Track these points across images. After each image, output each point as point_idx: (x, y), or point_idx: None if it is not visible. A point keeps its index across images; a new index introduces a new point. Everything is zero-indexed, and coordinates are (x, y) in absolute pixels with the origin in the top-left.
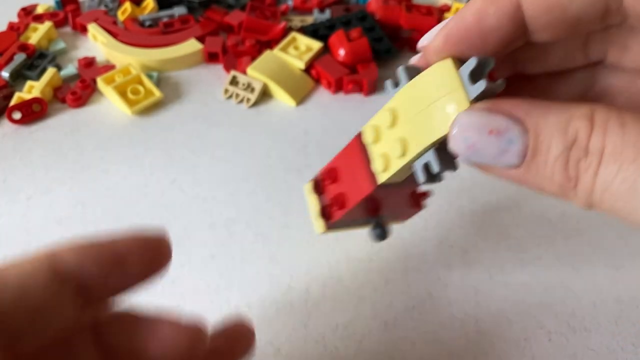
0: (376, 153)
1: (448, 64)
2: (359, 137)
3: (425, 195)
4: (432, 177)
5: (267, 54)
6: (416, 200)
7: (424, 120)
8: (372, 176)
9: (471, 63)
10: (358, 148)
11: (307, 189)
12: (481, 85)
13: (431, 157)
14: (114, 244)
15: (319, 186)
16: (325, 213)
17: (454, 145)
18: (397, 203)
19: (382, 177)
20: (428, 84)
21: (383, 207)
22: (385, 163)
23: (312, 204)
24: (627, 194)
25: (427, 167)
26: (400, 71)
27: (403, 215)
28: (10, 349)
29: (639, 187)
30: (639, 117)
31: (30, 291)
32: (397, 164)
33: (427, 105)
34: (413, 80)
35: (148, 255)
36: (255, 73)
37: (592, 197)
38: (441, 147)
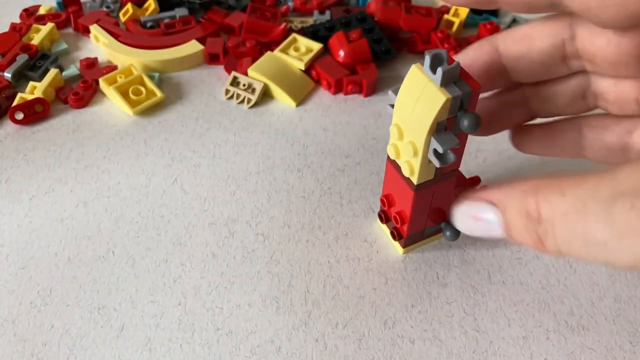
0: (401, 163)
1: (414, 69)
2: (388, 158)
3: (475, 180)
4: (442, 158)
5: (267, 55)
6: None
7: (415, 119)
8: (409, 184)
9: (427, 60)
10: (392, 168)
11: (378, 223)
12: (440, 71)
13: (434, 142)
14: None
15: (384, 215)
16: (396, 234)
17: (459, 228)
18: (452, 200)
19: (414, 179)
20: (407, 91)
21: (442, 210)
22: (410, 167)
23: (386, 231)
24: (589, 248)
25: (436, 152)
26: (390, 94)
27: None
28: None
29: (588, 238)
30: (575, 184)
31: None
32: (416, 163)
33: (413, 107)
34: (398, 94)
35: None
36: (256, 74)
37: (560, 251)
38: (438, 131)
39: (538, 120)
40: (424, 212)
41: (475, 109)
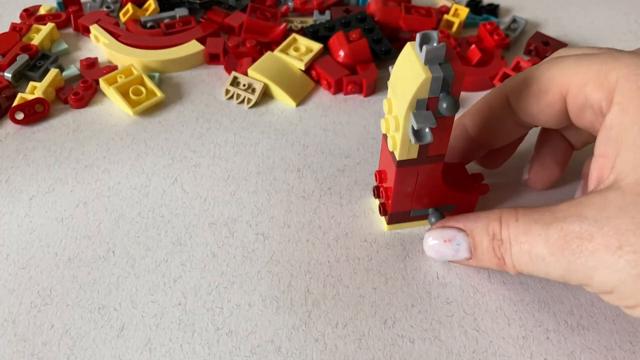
0: (389, 137)
1: (408, 47)
2: (383, 134)
3: (478, 177)
4: (417, 135)
5: (267, 55)
6: (470, 186)
7: (400, 95)
8: (394, 159)
9: (417, 39)
10: (385, 143)
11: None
12: (424, 49)
13: (412, 119)
14: None
15: (376, 191)
16: (382, 210)
17: (427, 252)
18: (443, 191)
19: (396, 154)
20: (399, 67)
21: (434, 195)
22: (393, 141)
23: (376, 206)
24: (533, 262)
25: (412, 129)
26: (390, 69)
27: (463, 205)
28: None
29: (532, 255)
30: (527, 213)
31: None
32: (398, 138)
33: (401, 83)
34: (392, 69)
35: None
36: (256, 74)
37: (516, 268)
38: (418, 109)
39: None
40: (408, 192)
41: (460, 95)
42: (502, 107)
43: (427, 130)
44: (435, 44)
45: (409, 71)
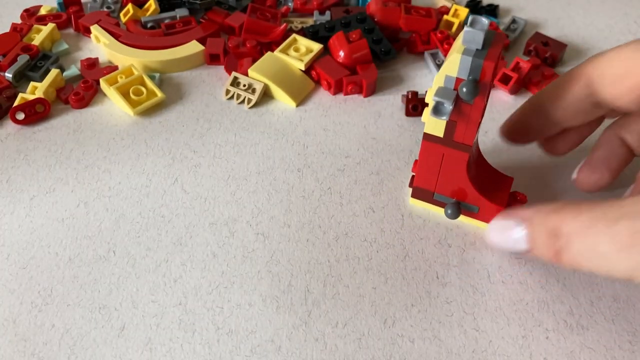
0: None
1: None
2: None
3: (520, 198)
4: (435, 108)
5: (267, 56)
6: (497, 194)
7: (441, 71)
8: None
9: (467, 19)
10: None
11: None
12: (464, 30)
13: (434, 91)
14: None
15: (415, 164)
16: (411, 181)
17: (489, 241)
18: (467, 186)
19: (425, 128)
20: (457, 42)
21: (458, 187)
22: (425, 112)
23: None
24: (597, 259)
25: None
26: None
27: (484, 213)
28: None
29: (594, 251)
30: (590, 207)
31: None
32: (427, 111)
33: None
34: (454, 43)
35: None
36: (256, 74)
37: (572, 263)
38: (446, 84)
39: None
40: (433, 170)
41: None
42: (582, 86)
43: (446, 106)
44: (480, 29)
45: (454, 48)
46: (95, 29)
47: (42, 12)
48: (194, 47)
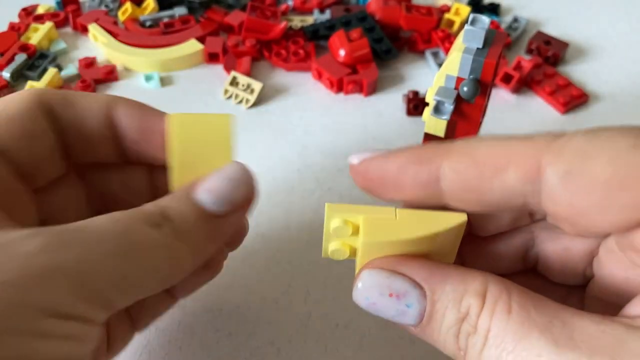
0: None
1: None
2: None
3: None
4: (435, 107)
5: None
6: None
7: (442, 70)
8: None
9: (470, 18)
10: None
11: None
12: (465, 28)
13: (434, 90)
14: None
15: None
16: None
17: (356, 299)
18: None
19: (426, 127)
20: (457, 41)
21: None
22: (426, 111)
23: None
24: None
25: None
26: None
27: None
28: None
29: None
30: (526, 302)
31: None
32: (427, 111)
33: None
34: (455, 41)
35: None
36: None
37: None
38: (447, 84)
39: None
40: None
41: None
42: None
43: (447, 105)
44: (481, 28)
45: (455, 47)
46: (93, 28)
47: (40, 10)
48: (192, 46)
